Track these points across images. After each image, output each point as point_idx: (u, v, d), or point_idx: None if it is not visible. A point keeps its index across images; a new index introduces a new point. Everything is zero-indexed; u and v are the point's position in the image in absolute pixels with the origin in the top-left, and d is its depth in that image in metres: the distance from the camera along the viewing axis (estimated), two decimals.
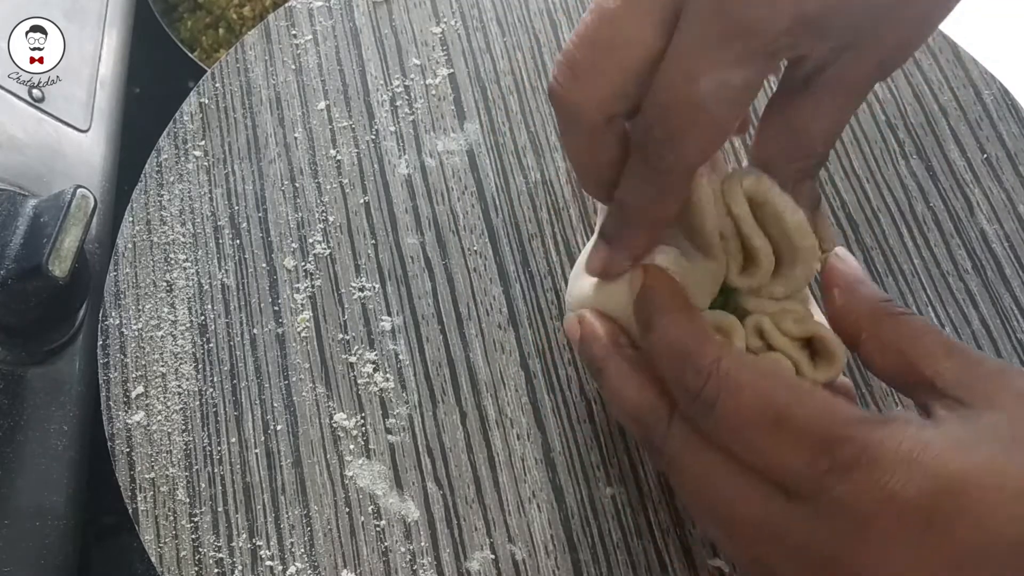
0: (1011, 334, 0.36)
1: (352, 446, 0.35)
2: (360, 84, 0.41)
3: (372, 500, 0.34)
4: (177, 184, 0.40)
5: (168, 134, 0.41)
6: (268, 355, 0.36)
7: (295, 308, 0.37)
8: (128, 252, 0.39)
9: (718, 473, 0.24)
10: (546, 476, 0.34)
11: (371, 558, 0.33)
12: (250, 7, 0.65)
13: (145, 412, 0.36)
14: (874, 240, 0.38)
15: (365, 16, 0.43)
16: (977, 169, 0.39)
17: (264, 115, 0.41)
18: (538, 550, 0.33)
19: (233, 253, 0.38)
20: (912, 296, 0.37)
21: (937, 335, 0.25)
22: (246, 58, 0.42)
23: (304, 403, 0.36)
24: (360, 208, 0.39)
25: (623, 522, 0.33)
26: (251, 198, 0.39)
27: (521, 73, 0.42)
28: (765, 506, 0.23)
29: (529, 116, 0.41)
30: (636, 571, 0.33)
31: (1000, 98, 0.41)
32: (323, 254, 0.38)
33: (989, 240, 0.38)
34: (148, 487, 0.34)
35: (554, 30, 0.42)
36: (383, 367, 0.36)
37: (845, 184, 0.39)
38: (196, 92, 0.42)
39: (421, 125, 0.41)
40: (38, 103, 0.42)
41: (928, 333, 0.25)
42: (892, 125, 0.40)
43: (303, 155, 0.40)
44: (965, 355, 0.25)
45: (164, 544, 0.34)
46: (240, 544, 0.33)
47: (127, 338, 0.37)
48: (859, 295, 0.27)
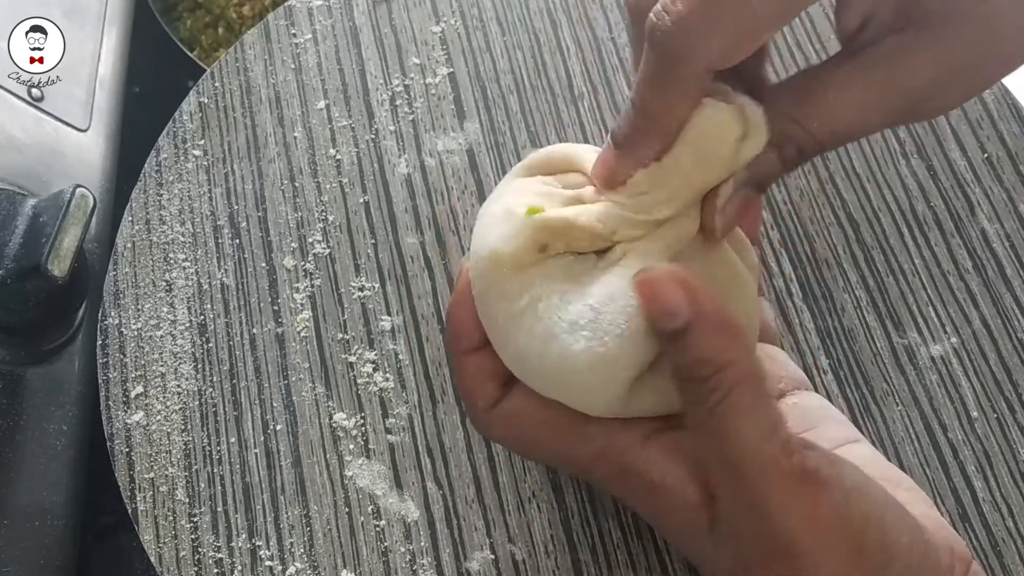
0: (1011, 334, 0.36)
1: (352, 446, 0.35)
2: (360, 83, 0.41)
3: (372, 500, 0.34)
4: (176, 183, 0.40)
5: (167, 133, 0.41)
6: (268, 355, 0.36)
7: (295, 308, 0.37)
8: (127, 252, 0.39)
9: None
10: (546, 476, 0.34)
11: (371, 558, 0.33)
12: (249, 6, 0.65)
13: (144, 412, 0.36)
14: (875, 239, 0.38)
15: (365, 15, 0.43)
16: (978, 169, 0.39)
17: (263, 114, 0.41)
18: (538, 550, 0.33)
19: (232, 253, 0.38)
20: (913, 296, 0.37)
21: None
22: (245, 57, 0.42)
23: (304, 403, 0.36)
24: (360, 207, 0.39)
25: (623, 522, 0.33)
26: (250, 197, 0.39)
27: (521, 72, 0.41)
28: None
29: (529, 115, 0.41)
30: (636, 571, 0.33)
31: (1001, 98, 0.40)
32: (323, 254, 0.38)
33: (990, 239, 0.38)
34: (147, 487, 0.34)
35: (554, 29, 0.42)
36: (383, 367, 0.36)
37: (846, 184, 0.39)
38: (195, 91, 0.42)
39: (421, 124, 0.40)
40: (38, 103, 0.42)
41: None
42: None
43: (303, 154, 0.40)
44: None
45: (163, 544, 0.34)
46: (240, 544, 0.33)
47: (126, 338, 0.37)
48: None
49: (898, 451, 0.34)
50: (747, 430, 0.23)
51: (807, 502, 0.23)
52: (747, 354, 0.24)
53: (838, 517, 0.24)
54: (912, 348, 0.36)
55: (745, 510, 0.24)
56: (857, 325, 0.36)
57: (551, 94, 0.41)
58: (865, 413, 0.35)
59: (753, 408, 0.24)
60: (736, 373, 0.23)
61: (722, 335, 0.24)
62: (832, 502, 0.24)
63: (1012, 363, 0.36)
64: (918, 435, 0.35)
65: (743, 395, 0.23)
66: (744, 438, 0.23)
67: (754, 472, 0.23)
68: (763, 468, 0.23)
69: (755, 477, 0.23)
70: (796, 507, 0.23)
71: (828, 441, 0.29)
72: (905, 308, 0.37)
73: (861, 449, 0.29)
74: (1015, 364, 0.36)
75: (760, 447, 0.23)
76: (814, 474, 0.24)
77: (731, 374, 0.23)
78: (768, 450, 0.23)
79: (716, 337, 0.24)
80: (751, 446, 0.23)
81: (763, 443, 0.23)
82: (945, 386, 0.35)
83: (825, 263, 0.38)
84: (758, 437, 0.23)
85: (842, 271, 0.37)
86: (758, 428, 0.24)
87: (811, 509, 0.23)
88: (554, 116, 0.41)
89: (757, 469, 0.23)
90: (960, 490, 0.34)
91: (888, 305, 0.37)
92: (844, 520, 0.24)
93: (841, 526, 0.24)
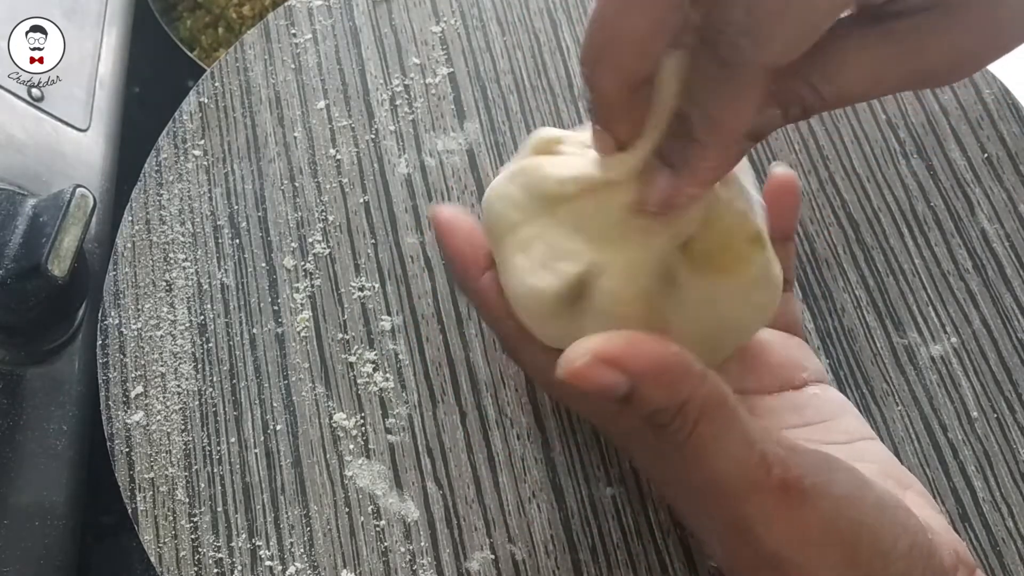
0: (1012, 334, 0.36)
1: (352, 446, 0.35)
2: (360, 83, 0.41)
3: (372, 500, 0.34)
4: (176, 183, 0.40)
5: (167, 133, 0.41)
6: (268, 355, 0.36)
7: (295, 308, 0.37)
8: (127, 252, 0.39)
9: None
10: (546, 476, 0.34)
11: (371, 558, 0.33)
12: (249, 6, 0.65)
13: (144, 412, 0.36)
14: (875, 239, 0.38)
15: (365, 15, 0.43)
16: (978, 168, 0.39)
17: (263, 114, 0.41)
18: (538, 550, 0.33)
19: (232, 253, 0.38)
20: (913, 296, 0.37)
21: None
22: (245, 57, 0.42)
23: (304, 403, 0.36)
24: (360, 207, 0.39)
25: (623, 522, 0.33)
26: (250, 197, 0.39)
27: (521, 72, 0.41)
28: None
29: (529, 115, 0.41)
30: (636, 571, 0.33)
31: (1001, 97, 0.40)
32: (323, 253, 0.38)
33: (990, 239, 0.38)
34: (147, 487, 0.34)
35: (554, 29, 0.42)
36: (383, 367, 0.36)
37: (845, 183, 0.39)
38: (195, 91, 0.42)
39: (421, 124, 0.40)
40: (38, 103, 0.42)
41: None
42: (893, 124, 0.40)
43: (302, 154, 0.40)
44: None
45: (163, 544, 0.34)
46: (240, 544, 0.33)
47: (126, 338, 0.37)
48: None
49: (898, 451, 0.34)
50: (720, 454, 0.23)
51: (790, 515, 0.23)
52: (700, 384, 0.23)
53: (826, 526, 0.23)
54: (912, 348, 0.36)
55: (730, 529, 0.24)
56: (857, 325, 0.36)
57: (551, 94, 0.41)
58: (865, 413, 0.35)
59: (721, 433, 0.23)
60: (694, 408, 0.23)
61: (666, 382, 0.23)
62: (819, 512, 0.23)
63: (1012, 363, 0.36)
64: (918, 435, 0.35)
65: (708, 425, 0.23)
66: (719, 461, 0.23)
67: (733, 492, 0.23)
68: (741, 487, 0.23)
69: (734, 496, 0.23)
70: (779, 521, 0.23)
71: (844, 434, 0.29)
72: (905, 308, 0.37)
73: (874, 447, 0.29)
74: (1015, 364, 0.36)
75: (736, 467, 0.23)
76: (796, 485, 0.23)
77: (690, 410, 0.23)
78: (744, 469, 0.23)
79: (661, 388, 0.23)
80: (726, 469, 0.23)
81: (738, 463, 0.23)
82: (945, 386, 0.35)
83: (825, 263, 0.38)
84: (732, 458, 0.23)
85: (842, 271, 0.37)
86: (731, 450, 0.23)
87: (796, 521, 0.23)
88: (554, 116, 0.41)
89: (736, 489, 0.23)
90: (960, 490, 0.34)
91: (888, 305, 0.37)
92: (833, 529, 0.23)
93: (830, 535, 0.23)
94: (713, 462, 0.23)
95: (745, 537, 0.24)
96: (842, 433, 0.29)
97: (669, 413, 0.23)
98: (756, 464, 0.23)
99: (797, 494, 0.23)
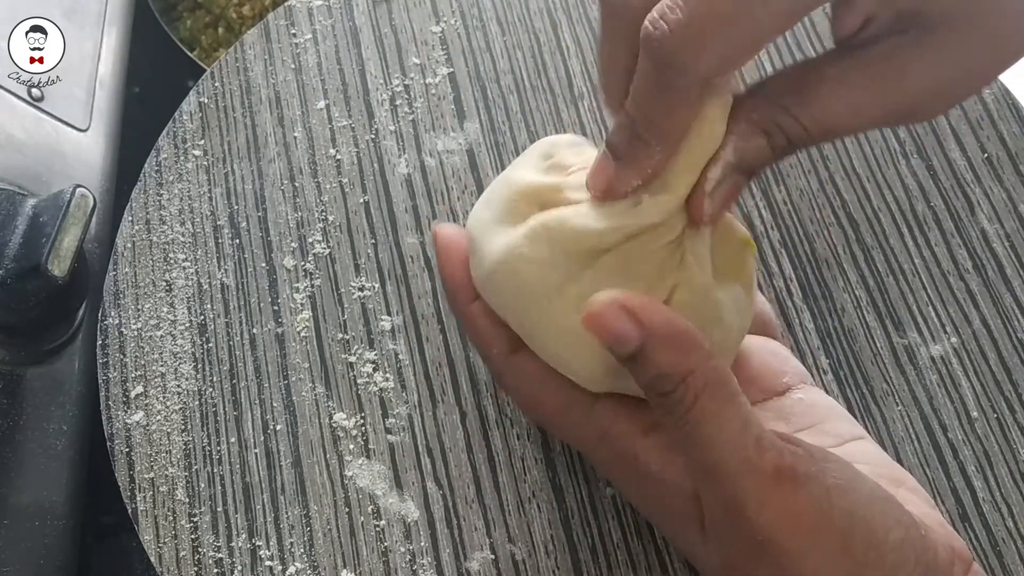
0: (1012, 334, 0.36)
1: (352, 446, 0.35)
2: (360, 83, 0.41)
3: (372, 500, 0.34)
4: (176, 183, 0.40)
5: (167, 133, 0.41)
6: (268, 355, 0.36)
7: (295, 308, 0.37)
8: (127, 252, 0.39)
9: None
10: (546, 476, 0.34)
11: (371, 558, 0.33)
12: (249, 6, 0.65)
13: (144, 412, 0.36)
14: (875, 239, 0.38)
15: (365, 15, 0.43)
16: (978, 168, 0.39)
17: (263, 114, 0.41)
18: (538, 550, 0.33)
19: (232, 253, 0.38)
20: (912, 296, 0.37)
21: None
22: (245, 57, 0.42)
23: (304, 403, 0.36)
24: (360, 207, 0.39)
25: (623, 522, 0.33)
26: (250, 197, 0.39)
27: (521, 72, 0.41)
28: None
29: (529, 115, 0.41)
30: (636, 571, 0.33)
31: (1001, 97, 0.40)
32: (323, 254, 0.38)
33: (990, 239, 0.38)
34: (147, 487, 0.34)
35: (554, 29, 0.42)
36: (383, 367, 0.36)
37: (845, 183, 0.39)
38: (195, 91, 0.42)
39: (421, 124, 0.40)
40: (38, 103, 0.42)
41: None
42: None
43: (302, 154, 0.40)
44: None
45: (163, 544, 0.34)
46: (240, 544, 0.33)
47: (126, 338, 0.37)
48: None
49: (898, 451, 0.34)
50: (717, 433, 0.24)
51: (783, 499, 0.23)
52: (707, 359, 0.24)
53: (819, 513, 0.24)
54: (912, 348, 0.36)
55: (723, 510, 0.24)
56: (857, 325, 0.36)
57: (551, 94, 0.41)
58: (865, 413, 0.35)
59: (721, 411, 0.24)
60: (698, 380, 0.24)
61: (676, 347, 0.24)
62: (811, 498, 0.24)
63: (1012, 363, 0.36)
64: (918, 435, 0.35)
65: (709, 400, 0.24)
66: (716, 441, 0.24)
67: (728, 472, 0.24)
68: (736, 468, 0.24)
69: (729, 477, 0.24)
70: (771, 504, 0.23)
71: (834, 437, 0.29)
72: (905, 308, 0.37)
73: (865, 446, 0.29)
74: (1015, 364, 0.36)
75: (732, 448, 0.24)
76: (790, 471, 0.24)
77: (694, 382, 0.24)
78: (740, 450, 0.24)
79: (670, 351, 0.24)
80: (723, 448, 0.24)
81: (735, 444, 0.24)
82: (945, 386, 0.35)
83: (825, 263, 0.38)
84: (729, 438, 0.24)
85: (842, 271, 0.37)
86: (728, 430, 0.24)
87: (788, 506, 0.23)
88: (554, 116, 0.41)
89: (731, 469, 0.24)
90: (960, 490, 0.34)
91: (888, 305, 0.37)
92: (826, 517, 0.24)
93: (823, 523, 0.24)
94: (711, 440, 0.24)
95: (737, 520, 0.24)
96: (832, 436, 0.29)
97: (673, 380, 0.24)
98: (752, 446, 0.24)
99: (790, 480, 0.24)
